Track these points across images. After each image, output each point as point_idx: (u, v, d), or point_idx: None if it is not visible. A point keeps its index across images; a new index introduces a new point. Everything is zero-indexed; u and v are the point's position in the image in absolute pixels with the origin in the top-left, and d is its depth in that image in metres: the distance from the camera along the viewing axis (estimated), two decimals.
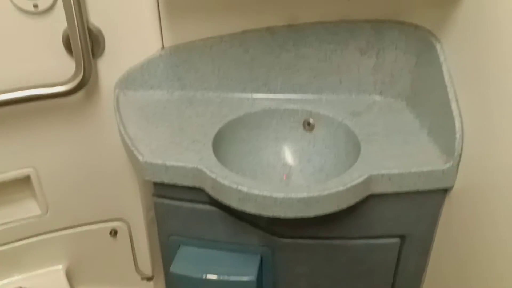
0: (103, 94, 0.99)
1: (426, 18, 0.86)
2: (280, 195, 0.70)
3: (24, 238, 1.10)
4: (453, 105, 0.75)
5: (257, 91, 0.99)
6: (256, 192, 0.71)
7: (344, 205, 0.74)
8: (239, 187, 0.72)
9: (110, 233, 1.17)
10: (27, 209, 1.10)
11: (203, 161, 0.79)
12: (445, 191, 0.80)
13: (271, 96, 0.99)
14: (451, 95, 0.76)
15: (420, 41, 0.87)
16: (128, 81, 0.98)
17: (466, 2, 0.73)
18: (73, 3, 0.84)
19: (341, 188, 0.72)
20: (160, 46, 0.96)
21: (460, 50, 0.76)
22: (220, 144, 0.88)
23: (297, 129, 0.97)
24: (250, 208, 0.73)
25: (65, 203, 1.10)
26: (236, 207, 0.74)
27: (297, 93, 0.99)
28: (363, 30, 0.91)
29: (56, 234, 1.13)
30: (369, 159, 0.79)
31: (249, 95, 0.99)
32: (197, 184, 0.79)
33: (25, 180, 1.05)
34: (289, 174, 0.96)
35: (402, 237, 0.86)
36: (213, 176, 0.75)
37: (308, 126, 0.96)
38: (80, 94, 0.95)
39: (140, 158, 0.79)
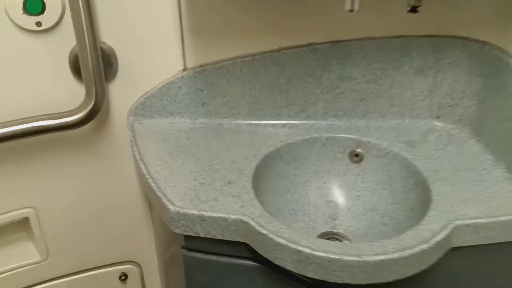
0: (115, 123, 0.85)
1: (497, 34, 0.74)
2: (351, 258, 0.57)
3: None
4: None
5: (294, 118, 0.86)
6: (321, 254, 0.57)
7: (425, 265, 0.61)
8: (299, 248, 0.58)
9: (120, 277, 1.02)
10: (25, 255, 0.94)
11: (246, 209, 0.66)
12: None
13: (310, 122, 0.86)
14: None
15: (489, 61, 0.75)
16: (144, 107, 0.84)
17: None
18: (84, 18, 0.70)
19: (424, 246, 0.59)
20: (181, 67, 0.82)
21: None
22: (257, 183, 0.75)
23: (342, 160, 0.84)
24: (310, 272, 0.59)
25: (69, 246, 0.95)
26: (293, 271, 0.61)
27: (340, 119, 0.86)
28: (419, 46, 0.79)
29: (57, 282, 0.98)
30: (444, 204, 0.66)
31: (284, 122, 0.86)
32: (240, 238, 0.65)
33: (23, 222, 0.90)
34: (335, 214, 0.82)
35: None
36: (263, 231, 0.61)
37: (355, 157, 0.83)
38: (89, 124, 0.80)
39: (171, 207, 0.65)
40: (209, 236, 0.66)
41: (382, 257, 0.57)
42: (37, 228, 0.90)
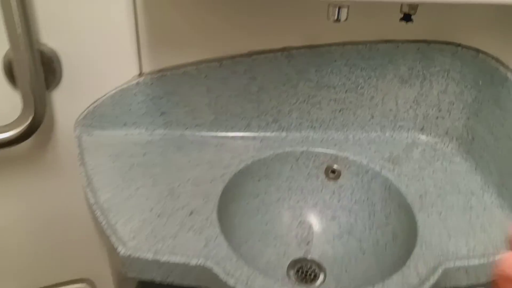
0: (60, 136, 0.74)
1: (493, 42, 0.66)
2: None
3: None
4: None
5: (266, 129, 0.77)
6: None
7: None
8: None
9: None
10: None
11: (209, 249, 0.57)
12: None
13: (283, 134, 0.77)
14: None
15: (483, 71, 0.67)
16: (94, 117, 0.73)
17: None
18: (19, 16, 0.58)
19: None
20: (137, 71, 0.71)
21: None
22: (224, 207, 0.66)
23: (317, 177, 0.76)
24: None
25: (18, 265, 0.85)
26: None
27: (316, 131, 0.77)
28: (406, 52, 0.70)
29: None
30: (431, 238, 0.60)
31: (255, 135, 0.77)
32: (202, 284, 0.57)
33: None
34: (309, 236, 0.75)
35: None
36: (231, 283, 0.53)
37: (332, 173, 0.75)
38: (30, 139, 0.69)
39: (122, 250, 0.56)
40: (167, 282, 0.57)
41: None
42: None
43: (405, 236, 0.64)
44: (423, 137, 0.77)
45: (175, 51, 0.69)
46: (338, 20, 0.53)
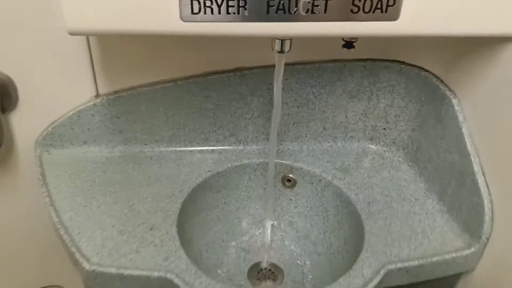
0: (21, 157, 0.75)
1: (434, 61, 0.71)
2: None
3: None
4: (480, 179, 0.62)
5: (223, 143, 0.80)
6: None
7: None
8: None
9: None
10: None
11: (169, 262, 0.60)
12: (461, 273, 0.68)
13: (240, 147, 0.81)
14: (476, 167, 0.62)
15: (426, 88, 0.72)
16: (53, 137, 0.74)
17: (501, 55, 0.58)
18: None
19: None
20: (94, 93, 0.73)
21: (487, 112, 0.62)
22: (184, 221, 0.69)
23: (274, 185, 0.80)
24: None
25: None
26: None
27: None
28: (354, 70, 0.75)
29: None
30: (377, 244, 0.64)
31: (213, 148, 0.80)
32: None
33: None
34: (268, 241, 0.79)
35: None
36: None
37: (288, 182, 0.79)
38: None
39: (86, 266, 0.58)
40: None
41: None
42: None
43: (354, 240, 0.69)
44: (372, 146, 0.82)
45: (130, 73, 0.72)
46: (282, 51, 0.57)
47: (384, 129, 0.80)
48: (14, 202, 0.80)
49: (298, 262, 0.76)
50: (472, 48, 0.63)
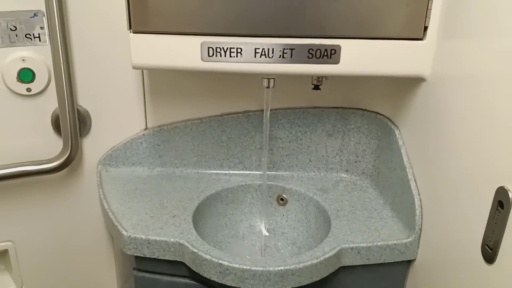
0: (86, 171, 1.04)
1: (385, 107, 0.98)
2: (258, 268, 0.75)
3: None
4: (412, 184, 0.85)
5: (234, 168, 1.06)
6: (236, 265, 0.76)
7: (317, 277, 0.79)
8: (220, 261, 0.77)
9: None
10: (1, 285, 1.09)
11: (183, 235, 0.84)
12: (408, 263, 0.87)
13: (246, 172, 1.06)
14: (410, 175, 0.85)
15: (381, 126, 0.98)
16: (111, 159, 1.03)
17: (419, 93, 0.84)
18: (65, 87, 0.91)
19: (314, 261, 0.78)
20: (144, 126, 1.03)
21: (415, 135, 0.86)
22: (198, 218, 0.93)
23: (271, 203, 1.03)
24: (230, 281, 0.77)
25: (40, 277, 1.10)
26: (216, 280, 0.78)
27: (270, 170, 1.07)
28: (329, 115, 1.02)
29: None
30: (339, 234, 0.86)
31: (225, 172, 1.06)
32: (178, 258, 0.83)
33: (2, 255, 1.06)
34: (264, 247, 1.01)
35: None
36: (195, 250, 0.79)
37: (281, 201, 1.03)
38: (64, 171, 0.99)
39: (124, 233, 0.83)
40: (154, 257, 0.83)
41: (282, 268, 0.76)
42: (15, 260, 1.06)
43: (324, 237, 0.90)
44: (347, 176, 1.06)
45: (170, 112, 1.02)
46: (268, 87, 0.86)
47: (355, 162, 1.04)
48: (74, 208, 1.06)
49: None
50: (406, 91, 0.89)
